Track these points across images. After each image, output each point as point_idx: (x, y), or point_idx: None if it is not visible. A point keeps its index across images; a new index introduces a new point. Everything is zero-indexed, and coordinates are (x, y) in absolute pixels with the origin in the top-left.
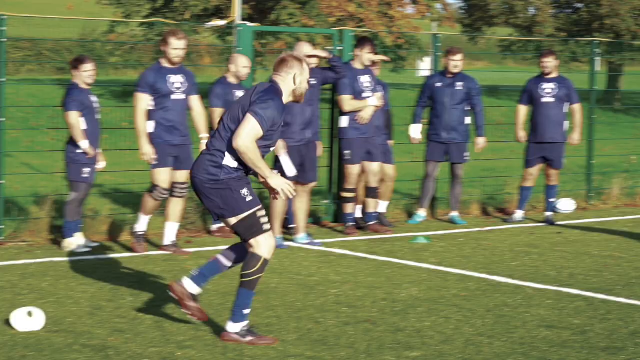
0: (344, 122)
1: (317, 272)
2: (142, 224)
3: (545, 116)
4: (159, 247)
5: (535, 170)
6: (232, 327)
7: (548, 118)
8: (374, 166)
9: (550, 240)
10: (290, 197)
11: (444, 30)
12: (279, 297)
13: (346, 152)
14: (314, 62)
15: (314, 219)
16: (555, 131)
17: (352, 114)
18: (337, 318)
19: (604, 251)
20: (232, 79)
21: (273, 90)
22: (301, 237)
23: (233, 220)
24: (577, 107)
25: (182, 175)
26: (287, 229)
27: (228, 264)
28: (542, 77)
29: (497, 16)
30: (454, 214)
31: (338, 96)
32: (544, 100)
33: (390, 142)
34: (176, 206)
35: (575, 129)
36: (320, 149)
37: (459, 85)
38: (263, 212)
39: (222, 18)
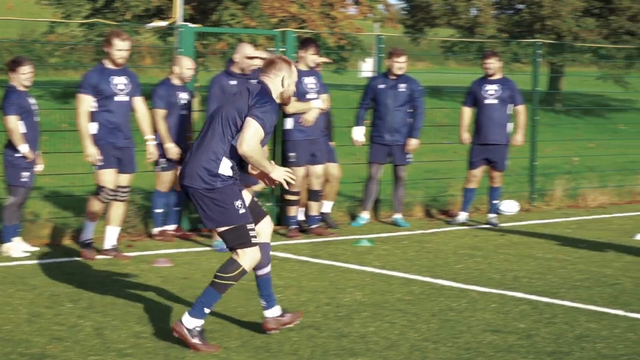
0: (288, 124)
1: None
2: (88, 231)
3: (488, 118)
4: (100, 251)
5: (478, 171)
6: (188, 322)
7: (491, 119)
8: (317, 169)
9: (493, 242)
10: (293, 182)
11: (386, 31)
12: (221, 303)
13: (291, 154)
14: (257, 63)
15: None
16: (498, 133)
17: (297, 116)
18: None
19: (548, 253)
20: (175, 81)
21: (267, 93)
22: None
23: (221, 229)
24: (520, 108)
25: (125, 179)
26: None
27: (267, 269)
28: (485, 79)
29: (439, 17)
30: (397, 216)
31: None
32: (487, 101)
33: (332, 144)
34: (117, 210)
35: (518, 130)
36: (266, 151)
37: (402, 87)
38: (253, 226)
39: (163, 19)
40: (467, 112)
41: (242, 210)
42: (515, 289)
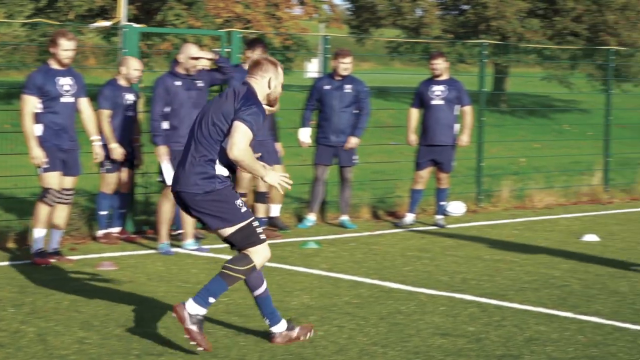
0: None
1: (206, 280)
2: (39, 240)
3: (435, 119)
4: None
5: (425, 172)
6: (192, 307)
7: (438, 121)
8: None
9: (441, 244)
10: (288, 187)
11: (331, 32)
12: (166, 306)
13: None
14: (205, 63)
15: (203, 224)
16: (445, 134)
17: None
18: (228, 328)
19: (496, 255)
20: (122, 82)
21: (253, 95)
22: (189, 243)
23: (229, 231)
24: (467, 109)
25: (69, 181)
26: (175, 235)
27: (263, 288)
28: (432, 80)
29: (384, 17)
30: (344, 217)
31: None
32: (433, 102)
33: (278, 145)
34: (61, 212)
35: (464, 130)
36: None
37: (348, 88)
38: (257, 223)
39: (107, 19)
40: (415, 114)
41: (244, 209)
42: (464, 292)
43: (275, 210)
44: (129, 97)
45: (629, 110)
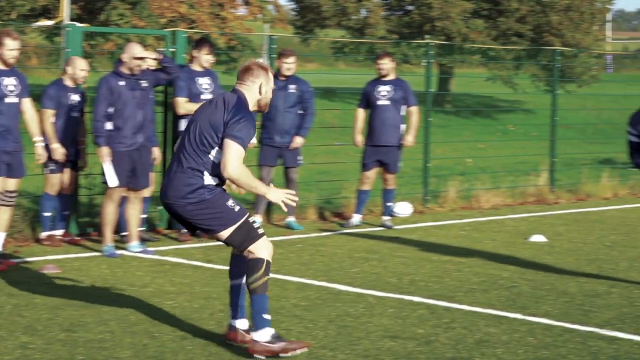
0: (182, 125)
1: (152, 283)
2: None
3: (381, 119)
4: None
5: (372, 173)
6: (261, 336)
7: (384, 121)
8: None
9: (388, 245)
10: (293, 204)
11: (276, 32)
12: (111, 310)
13: None
14: (151, 63)
15: (148, 225)
16: (391, 134)
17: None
18: (174, 332)
19: (444, 256)
20: (68, 82)
21: (243, 105)
22: (134, 245)
23: (226, 234)
24: (414, 109)
25: (13, 183)
26: (120, 237)
27: (240, 281)
28: (379, 80)
29: (329, 18)
30: (291, 219)
31: (173, 98)
32: (380, 102)
33: None
34: (3, 215)
35: (410, 131)
36: (157, 154)
37: (292, 88)
38: (252, 218)
39: (49, 18)
40: (361, 114)
41: (237, 208)
42: (412, 293)
43: None
44: (74, 98)
45: (572, 111)
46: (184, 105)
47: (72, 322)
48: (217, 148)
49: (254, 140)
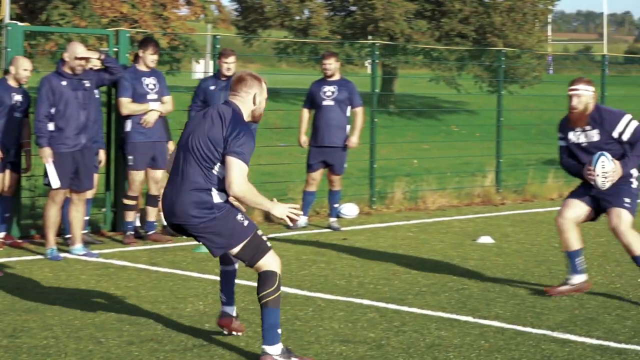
0: (127, 125)
1: (96, 286)
2: None
3: (326, 120)
4: None
5: (317, 174)
6: (273, 350)
7: (329, 122)
8: (157, 173)
9: (336, 247)
10: (297, 219)
11: (219, 32)
12: (55, 315)
13: (129, 157)
14: (96, 63)
15: (92, 228)
16: (335, 135)
17: (137, 116)
18: (120, 337)
19: (392, 258)
20: (11, 82)
21: (240, 118)
22: (77, 248)
23: (236, 249)
24: (358, 110)
25: None
26: (63, 239)
27: (233, 267)
28: (324, 80)
29: (272, 18)
30: None
31: (117, 99)
32: (325, 103)
33: (169, 144)
34: None
35: (354, 132)
36: (102, 156)
37: None
38: (261, 231)
39: None
40: (306, 114)
41: (246, 222)
42: (362, 296)
43: None
44: (17, 98)
45: (515, 112)
46: (127, 106)
47: (15, 328)
48: (219, 164)
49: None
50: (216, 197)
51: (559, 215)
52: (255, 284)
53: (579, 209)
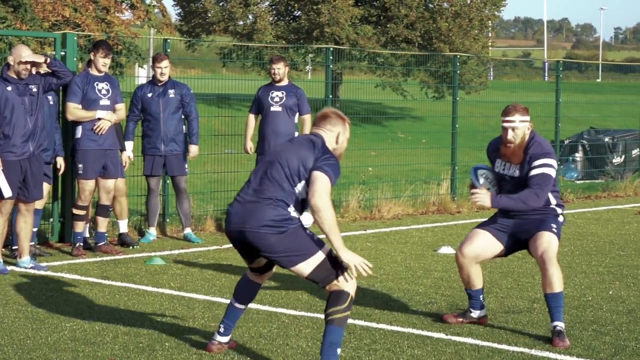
0: (78, 132)
1: (47, 302)
2: None
3: (273, 126)
4: None
5: None
6: None
7: (276, 128)
8: (108, 182)
9: None
10: (365, 274)
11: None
12: (5, 334)
13: (79, 165)
14: (44, 67)
15: (40, 239)
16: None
17: (90, 123)
18: (75, 358)
19: None
20: None
21: (328, 148)
22: (25, 261)
23: (309, 268)
24: (306, 117)
25: None
26: (10, 251)
27: (243, 307)
28: (272, 85)
29: (216, 23)
30: (188, 231)
31: (64, 103)
32: (272, 109)
33: (124, 155)
34: None
35: None
36: (61, 163)
37: (172, 93)
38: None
39: None
40: (252, 120)
41: (315, 237)
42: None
43: (122, 226)
44: None
45: (460, 118)
46: (73, 112)
47: None
48: (303, 182)
49: (131, 154)
50: (292, 211)
51: (459, 249)
52: (212, 298)
53: (484, 242)
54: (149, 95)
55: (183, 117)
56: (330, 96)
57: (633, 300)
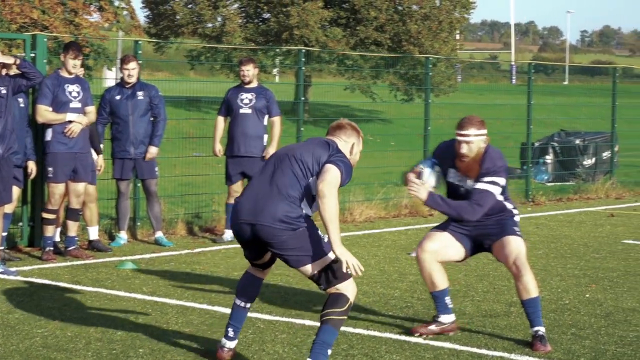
0: (48, 135)
1: (17, 308)
2: None
3: (242, 128)
4: None
5: (238, 186)
6: None
7: (245, 130)
8: (79, 186)
9: None
10: (354, 275)
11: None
12: None
13: (49, 169)
14: (14, 69)
15: (9, 243)
16: (252, 145)
17: (61, 126)
18: None
19: None
20: None
21: (343, 152)
22: None
23: (315, 268)
24: (276, 119)
25: None
26: None
27: (248, 305)
28: (241, 87)
29: (184, 25)
30: (159, 234)
31: (34, 105)
32: (242, 111)
33: (100, 158)
34: None
35: (272, 142)
36: (32, 166)
37: (140, 95)
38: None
39: None
40: (221, 122)
41: (326, 238)
42: (302, 316)
43: (93, 232)
44: None
45: (431, 120)
46: (43, 114)
47: None
48: (315, 177)
49: (101, 160)
50: (305, 209)
51: (420, 245)
52: (185, 303)
53: (444, 240)
54: (118, 97)
55: (152, 119)
56: (303, 98)
57: (610, 303)
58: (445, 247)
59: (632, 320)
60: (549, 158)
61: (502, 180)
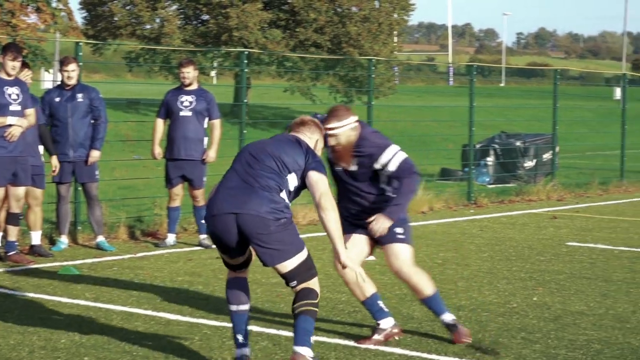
0: None
1: None
2: None
3: (182, 131)
4: None
5: (178, 189)
6: (307, 351)
7: (185, 133)
8: (19, 190)
9: (211, 266)
10: (356, 280)
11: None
12: None
13: None
14: None
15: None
16: (192, 148)
17: (0, 129)
18: None
19: (272, 278)
20: None
21: (314, 152)
22: None
23: (293, 263)
24: (216, 122)
25: None
26: None
27: (246, 307)
28: (181, 89)
29: (123, 27)
30: (100, 239)
31: None
32: (182, 113)
33: (54, 159)
34: None
35: (212, 145)
36: None
37: (80, 97)
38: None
39: None
40: (161, 125)
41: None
42: (253, 323)
43: (35, 237)
44: None
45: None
46: None
47: None
48: (294, 174)
49: (42, 160)
50: (287, 200)
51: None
52: (129, 309)
53: (359, 243)
54: (57, 99)
55: (93, 121)
56: (245, 100)
57: (558, 306)
58: (359, 251)
59: (580, 324)
60: (490, 160)
61: (397, 147)
